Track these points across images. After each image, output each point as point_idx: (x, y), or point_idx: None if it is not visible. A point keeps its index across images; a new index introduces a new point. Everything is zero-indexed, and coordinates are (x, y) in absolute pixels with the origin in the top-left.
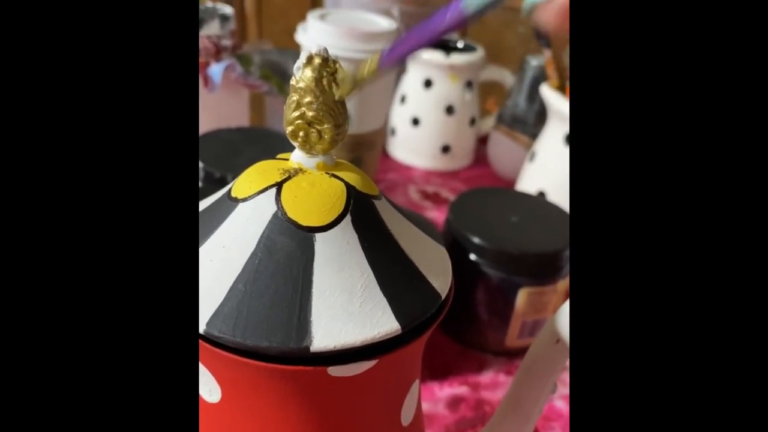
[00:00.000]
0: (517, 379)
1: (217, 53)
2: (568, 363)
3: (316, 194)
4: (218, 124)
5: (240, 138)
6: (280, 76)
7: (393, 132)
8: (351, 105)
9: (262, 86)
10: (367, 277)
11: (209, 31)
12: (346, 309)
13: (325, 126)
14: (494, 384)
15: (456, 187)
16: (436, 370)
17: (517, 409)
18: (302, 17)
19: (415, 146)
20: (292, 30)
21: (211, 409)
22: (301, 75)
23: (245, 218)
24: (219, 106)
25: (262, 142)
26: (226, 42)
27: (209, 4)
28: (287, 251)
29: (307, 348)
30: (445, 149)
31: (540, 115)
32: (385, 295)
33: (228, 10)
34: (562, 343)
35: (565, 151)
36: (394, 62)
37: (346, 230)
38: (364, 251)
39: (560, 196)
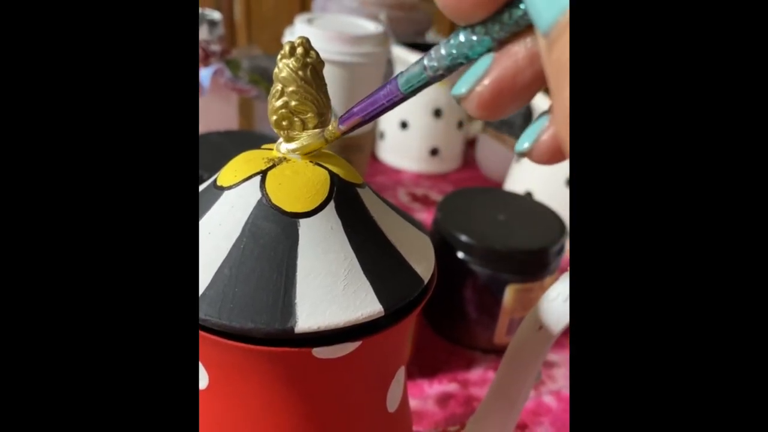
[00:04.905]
0: (502, 368)
1: (206, 58)
2: (553, 357)
3: (300, 181)
4: (207, 128)
5: (228, 141)
6: (269, 81)
7: (382, 135)
8: (339, 108)
9: (251, 91)
10: (350, 261)
11: (198, 36)
12: (330, 291)
13: (309, 115)
14: (483, 381)
15: (445, 190)
16: (426, 367)
17: (503, 397)
18: (290, 24)
19: (403, 149)
20: (280, 37)
21: (199, 396)
22: (284, 64)
23: (230, 205)
24: (208, 110)
25: (250, 145)
26: (215, 47)
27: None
28: (272, 236)
29: (292, 329)
30: (434, 152)
31: (526, 117)
32: (368, 279)
33: (216, 15)
34: (545, 330)
35: None
36: (347, 129)
37: (329, 216)
38: (347, 236)
39: (547, 195)
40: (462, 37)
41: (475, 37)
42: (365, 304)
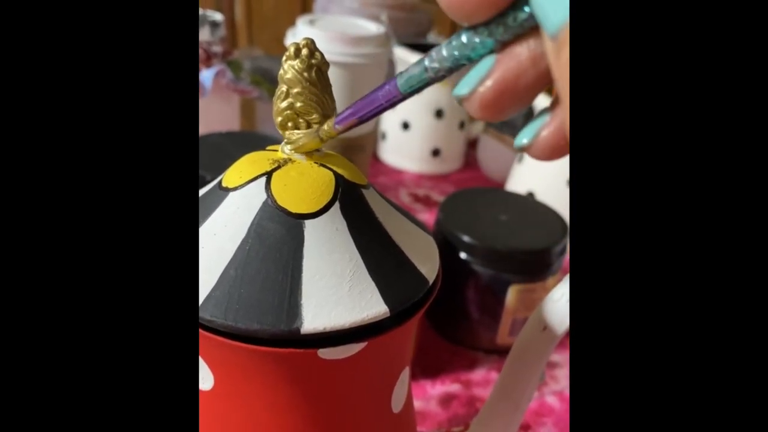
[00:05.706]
0: (506, 369)
1: (208, 59)
2: (556, 358)
3: (306, 183)
4: (209, 129)
5: (230, 142)
6: (271, 82)
7: (383, 136)
8: (341, 109)
9: (253, 92)
10: (355, 262)
11: (200, 37)
12: (336, 292)
13: (314, 116)
14: (486, 381)
15: (446, 190)
16: (429, 368)
17: (507, 397)
18: (292, 25)
19: (405, 150)
20: (281, 38)
21: (204, 397)
22: (289, 66)
23: (236, 207)
24: (209, 111)
25: (252, 146)
26: (217, 48)
27: (200, 11)
28: (277, 237)
29: (298, 330)
30: (435, 153)
31: (528, 118)
32: (374, 280)
33: (218, 16)
34: (549, 330)
35: None
36: (344, 129)
37: (334, 217)
38: (352, 237)
39: (549, 195)
40: (464, 38)
41: (477, 39)
42: (371, 305)
